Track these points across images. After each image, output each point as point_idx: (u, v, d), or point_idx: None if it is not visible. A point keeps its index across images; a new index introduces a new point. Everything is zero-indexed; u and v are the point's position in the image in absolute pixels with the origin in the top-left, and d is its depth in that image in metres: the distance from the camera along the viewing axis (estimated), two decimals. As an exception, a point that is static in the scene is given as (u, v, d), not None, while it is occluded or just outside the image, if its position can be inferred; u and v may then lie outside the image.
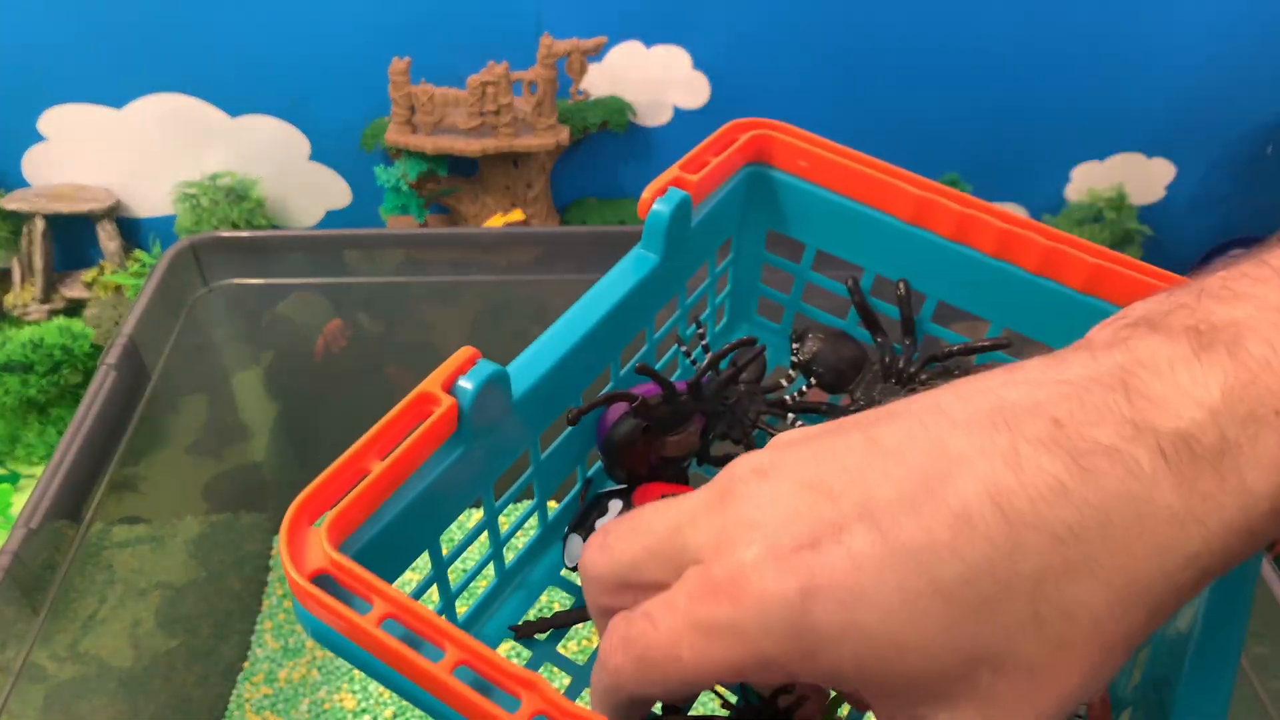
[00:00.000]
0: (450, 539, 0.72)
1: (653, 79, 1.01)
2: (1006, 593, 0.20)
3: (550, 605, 0.74)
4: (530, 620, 0.38)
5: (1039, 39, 0.99)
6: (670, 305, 0.43)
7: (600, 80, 1.01)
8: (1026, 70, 1.01)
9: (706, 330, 0.44)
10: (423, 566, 0.63)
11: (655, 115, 1.04)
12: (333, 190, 1.07)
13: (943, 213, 0.41)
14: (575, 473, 0.41)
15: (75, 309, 1.00)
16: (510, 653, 0.73)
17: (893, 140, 1.04)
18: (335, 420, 0.79)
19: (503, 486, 0.37)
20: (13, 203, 0.97)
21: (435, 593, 0.36)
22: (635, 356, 0.43)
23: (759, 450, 0.24)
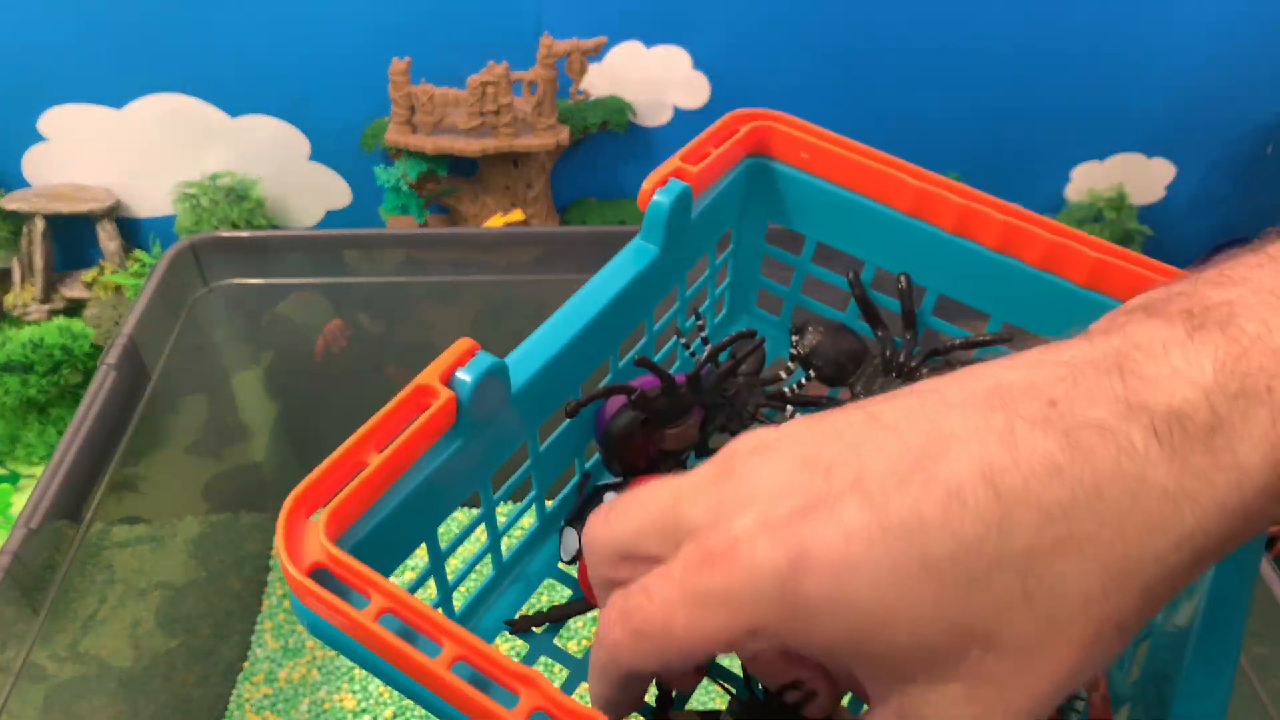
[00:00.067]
0: (448, 532, 0.72)
1: (653, 79, 1.01)
2: (997, 570, 0.20)
3: (544, 600, 0.74)
4: (526, 615, 0.38)
5: (1039, 39, 0.99)
6: (669, 297, 0.43)
7: (600, 80, 1.01)
8: (1026, 70, 1.01)
9: (706, 322, 0.44)
10: (421, 559, 0.63)
11: (655, 115, 1.04)
12: (333, 190, 1.07)
13: (944, 205, 0.40)
14: (574, 465, 0.41)
15: (75, 309, 1.00)
16: (507, 645, 0.73)
17: (893, 140, 1.04)
18: (335, 420, 0.79)
19: (501, 479, 0.37)
20: (13, 203, 0.97)
21: (433, 585, 0.36)
22: (634, 349, 0.43)
23: (761, 428, 0.25)
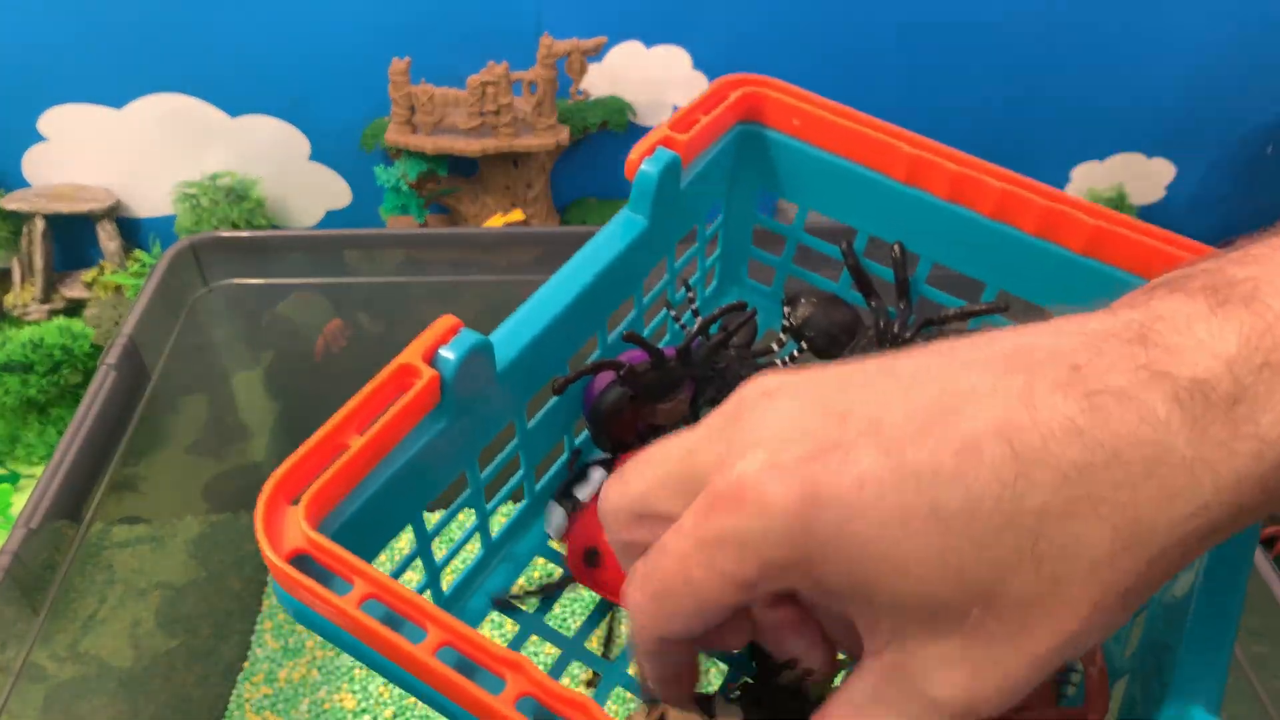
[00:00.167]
0: (436, 513, 0.72)
1: (653, 79, 1.01)
2: (1008, 527, 0.20)
3: (536, 579, 0.74)
4: (513, 591, 0.37)
5: (1038, 39, 0.99)
6: (658, 270, 0.42)
7: (600, 80, 1.01)
8: (1026, 70, 1.01)
9: (696, 295, 0.43)
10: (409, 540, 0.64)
11: (655, 115, 1.04)
12: (333, 190, 1.07)
13: (939, 172, 0.39)
14: (563, 443, 0.40)
15: (75, 309, 1.00)
16: (497, 625, 0.73)
17: (893, 140, 1.04)
18: (335, 420, 0.79)
19: (487, 458, 0.36)
20: (13, 203, 0.97)
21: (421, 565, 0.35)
22: (623, 323, 0.42)
23: (769, 372, 0.24)
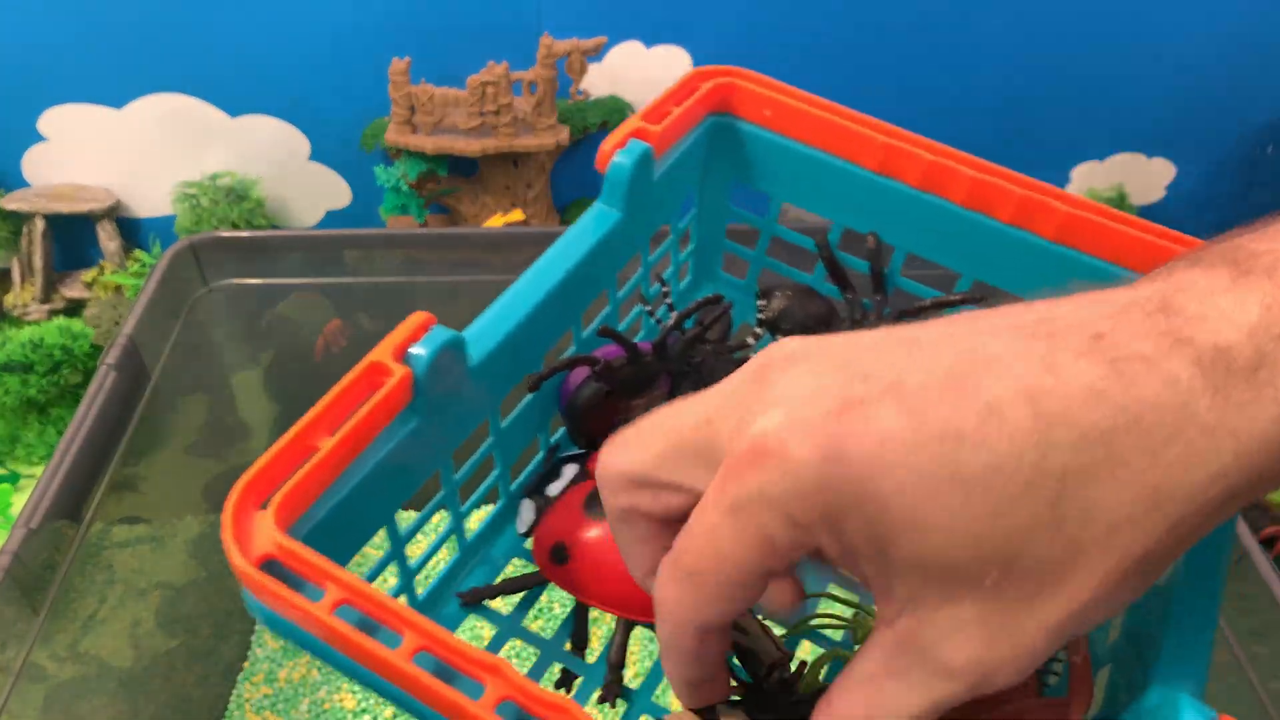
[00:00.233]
0: (409, 515, 0.71)
1: (653, 79, 1.01)
2: (1028, 489, 0.20)
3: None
4: (478, 588, 0.36)
5: (1038, 39, 0.99)
6: (633, 264, 0.42)
7: (600, 80, 1.01)
8: (1026, 71, 1.01)
9: (670, 288, 0.42)
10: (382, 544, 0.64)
11: (655, 115, 1.04)
12: (333, 190, 1.07)
13: (911, 161, 0.39)
14: (538, 441, 0.40)
15: (75, 309, 1.00)
16: (473, 629, 0.73)
17: (893, 140, 1.04)
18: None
19: (462, 457, 0.35)
20: (13, 203, 0.97)
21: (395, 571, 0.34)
22: (598, 318, 0.42)
23: (794, 337, 0.24)
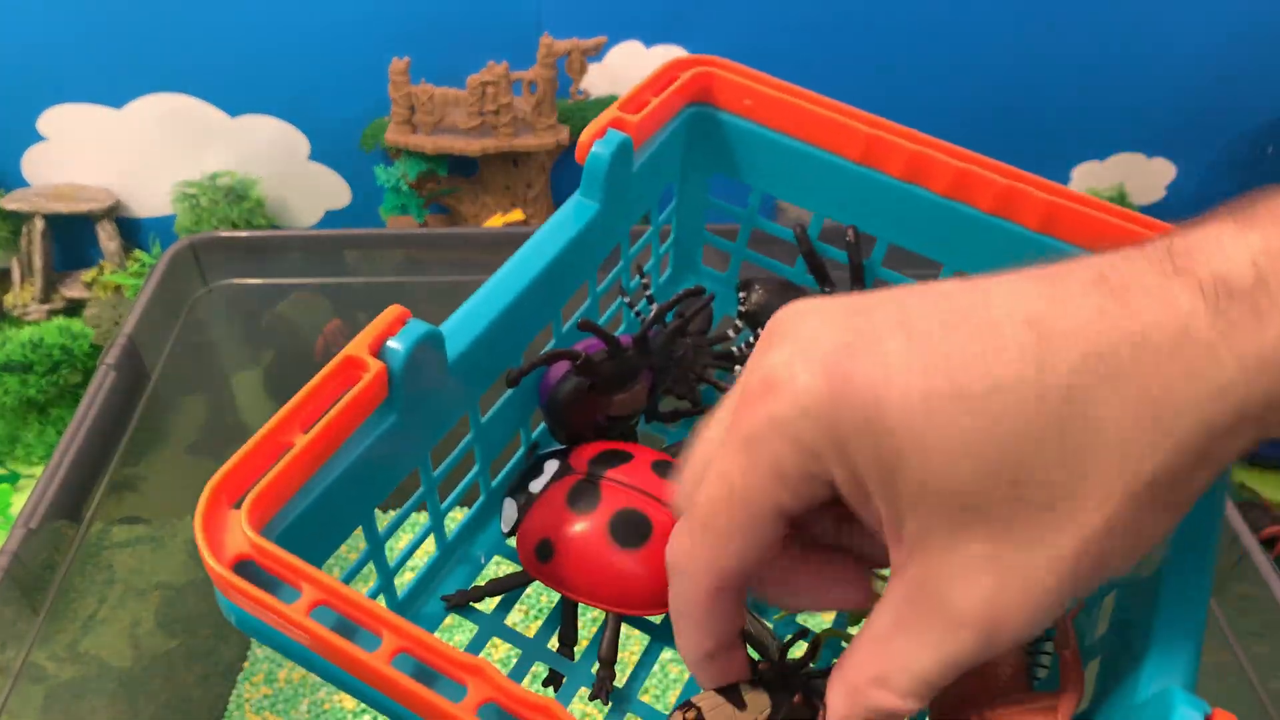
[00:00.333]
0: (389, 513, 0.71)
1: (653, 79, 1.01)
2: (1031, 405, 0.20)
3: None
4: (464, 590, 0.36)
5: (1038, 39, 0.99)
6: (613, 256, 0.41)
7: (600, 80, 1.01)
8: (1026, 70, 1.01)
9: (651, 281, 0.42)
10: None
11: (655, 115, 1.04)
12: (333, 190, 1.06)
13: (893, 151, 0.39)
14: (519, 436, 0.40)
15: (75, 309, 1.00)
16: (454, 628, 0.72)
17: (893, 140, 1.04)
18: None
19: (441, 454, 0.35)
20: (12, 203, 0.97)
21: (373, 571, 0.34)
22: (578, 311, 0.41)
23: (804, 298, 0.25)
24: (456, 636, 0.70)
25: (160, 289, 0.66)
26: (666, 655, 0.67)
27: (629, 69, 1.00)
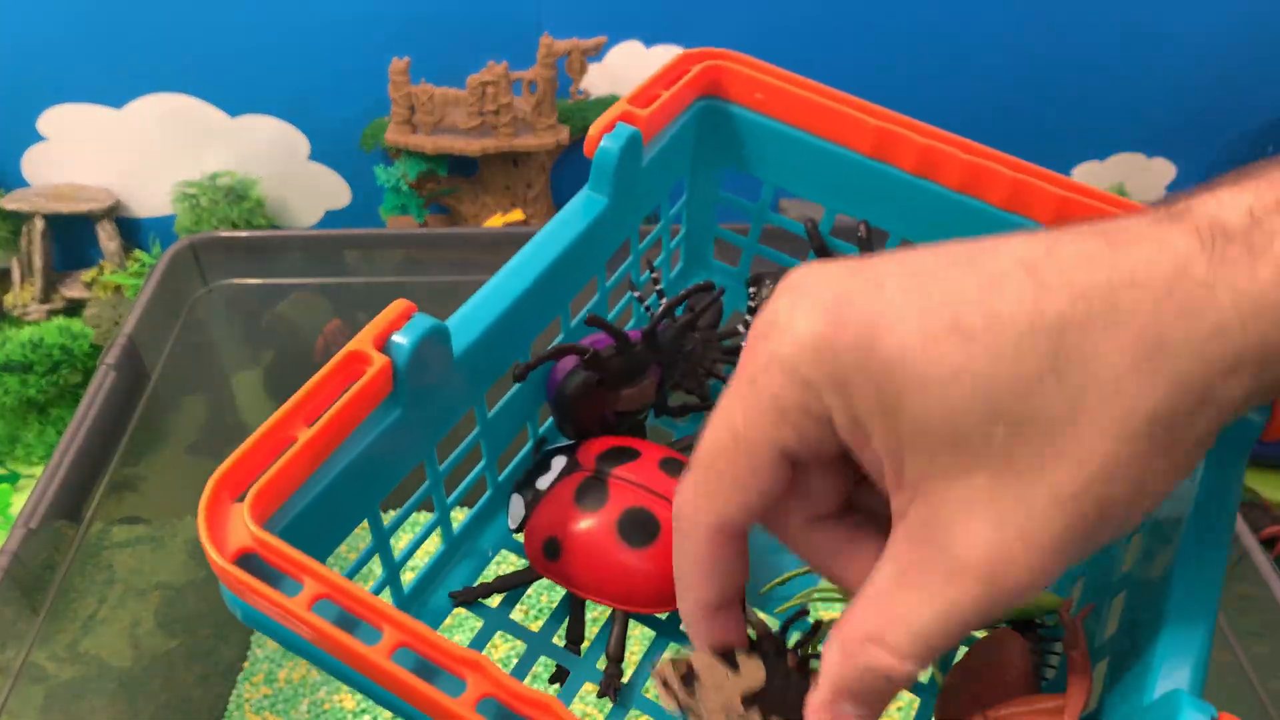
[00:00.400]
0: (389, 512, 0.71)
1: (653, 79, 1.01)
2: (1028, 337, 0.20)
3: (501, 574, 0.73)
4: (471, 586, 0.36)
5: (1038, 39, 0.99)
6: (622, 251, 0.41)
7: (600, 80, 1.01)
8: (1026, 70, 1.01)
9: (661, 276, 0.42)
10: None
11: (655, 115, 1.04)
12: (333, 190, 1.06)
13: (905, 145, 0.39)
14: (526, 431, 0.39)
15: (75, 309, 1.00)
16: (455, 627, 0.72)
17: (893, 140, 1.04)
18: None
19: (448, 449, 0.35)
20: (12, 203, 0.97)
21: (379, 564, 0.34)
22: (586, 306, 0.41)
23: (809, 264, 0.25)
24: (457, 636, 0.70)
25: (160, 289, 0.66)
26: (670, 653, 0.67)
27: (629, 69, 1.00)
